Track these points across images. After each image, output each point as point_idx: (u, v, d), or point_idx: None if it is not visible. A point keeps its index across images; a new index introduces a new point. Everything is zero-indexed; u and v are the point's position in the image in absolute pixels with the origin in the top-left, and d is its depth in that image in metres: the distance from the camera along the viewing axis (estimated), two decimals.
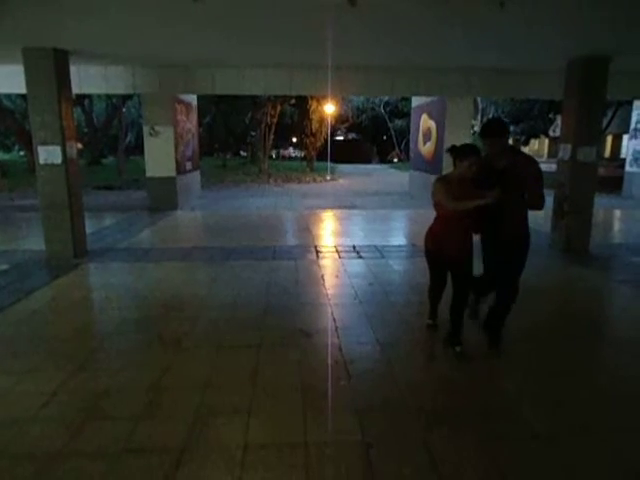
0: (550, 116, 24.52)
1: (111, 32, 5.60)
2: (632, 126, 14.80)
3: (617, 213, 11.43)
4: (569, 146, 6.90)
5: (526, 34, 5.61)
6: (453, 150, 3.44)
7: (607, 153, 26.50)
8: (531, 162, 3.43)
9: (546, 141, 32.19)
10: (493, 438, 2.61)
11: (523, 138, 26.42)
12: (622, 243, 7.96)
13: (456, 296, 3.59)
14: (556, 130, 24.94)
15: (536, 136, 27.81)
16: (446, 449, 2.51)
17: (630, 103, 15.24)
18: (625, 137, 20.18)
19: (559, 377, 3.31)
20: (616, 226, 10.19)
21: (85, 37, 5.81)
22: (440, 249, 3.60)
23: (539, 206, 3.44)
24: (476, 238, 3.60)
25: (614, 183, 15.33)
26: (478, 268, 3.67)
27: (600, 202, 9.74)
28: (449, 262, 3.61)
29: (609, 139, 26.78)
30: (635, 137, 14.65)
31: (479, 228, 3.59)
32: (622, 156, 20.86)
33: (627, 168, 15.01)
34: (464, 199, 3.32)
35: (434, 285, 3.97)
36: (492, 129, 3.41)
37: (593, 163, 6.94)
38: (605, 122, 20.55)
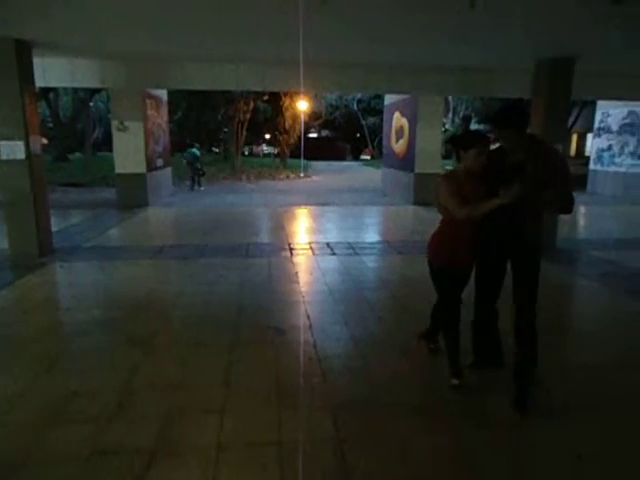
0: None
1: (76, 23, 5.42)
2: (596, 125, 15.32)
3: (582, 209, 11.79)
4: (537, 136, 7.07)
5: (496, 35, 5.72)
6: (454, 140, 2.89)
7: (573, 151, 27.31)
8: (555, 154, 2.88)
9: None
10: (467, 429, 2.66)
11: (493, 135, 26.92)
12: (587, 238, 8.22)
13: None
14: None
15: None
16: (420, 442, 2.54)
17: (594, 103, 15.74)
18: (589, 136, 20.86)
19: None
20: (581, 222, 10.51)
21: (48, 28, 5.60)
22: (453, 261, 2.94)
23: (568, 208, 2.83)
24: None
25: (579, 180, 15.83)
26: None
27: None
28: (465, 274, 3.04)
29: (574, 138, 27.61)
30: (599, 136, 15.16)
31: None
32: (587, 154, 21.54)
33: (591, 166, 15.53)
34: (476, 200, 2.71)
35: (452, 307, 3.06)
36: (503, 118, 2.73)
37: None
38: (570, 121, 21.16)
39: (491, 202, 2.62)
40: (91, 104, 24.28)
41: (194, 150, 15.79)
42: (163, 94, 12.75)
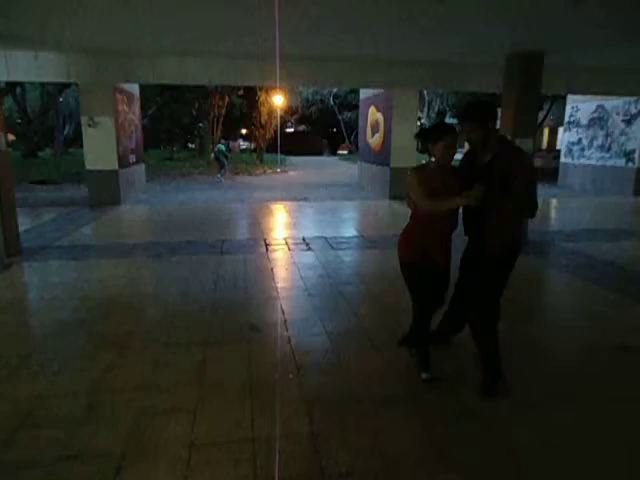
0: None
1: (37, 11, 5.22)
2: (566, 119, 15.64)
3: (553, 202, 12.05)
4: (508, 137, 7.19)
5: (465, 28, 5.76)
6: (422, 134, 2.85)
7: (544, 145, 27.87)
8: (520, 156, 2.79)
9: None
10: (440, 421, 2.69)
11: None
12: (557, 230, 8.40)
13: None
14: (498, 122, 25.88)
15: None
16: (393, 435, 2.55)
17: (565, 98, 16.07)
18: (561, 130, 21.31)
19: None
20: (552, 214, 10.74)
21: (8, 17, 5.37)
22: (424, 257, 2.89)
23: (526, 211, 2.81)
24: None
25: (550, 173, 16.17)
26: None
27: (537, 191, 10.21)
28: (438, 272, 2.94)
29: (546, 132, 28.17)
30: (569, 130, 15.50)
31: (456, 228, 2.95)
32: (558, 147, 22.01)
33: (562, 159, 15.87)
34: (445, 194, 2.73)
35: (427, 309, 3.02)
36: (469, 111, 2.76)
37: (530, 154, 7.26)
38: (542, 116, 21.60)
39: (453, 200, 2.69)
40: (61, 99, 23.61)
41: (221, 146, 17.99)
42: (135, 89, 12.48)
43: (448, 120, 30.67)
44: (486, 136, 2.75)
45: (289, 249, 6.76)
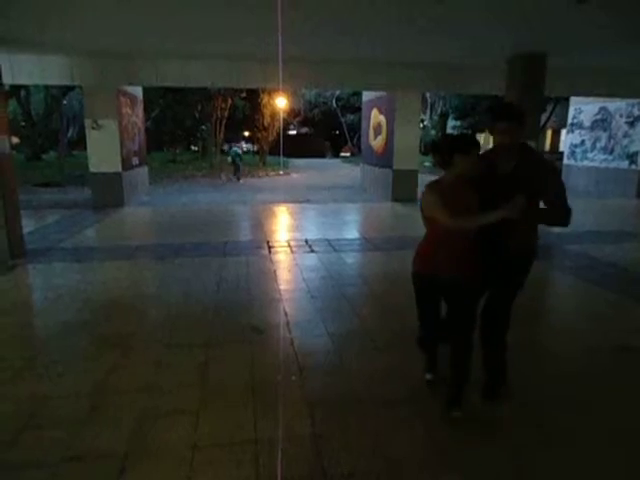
0: None
1: (36, 11, 5.24)
2: (569, 121, 15.63)
3: None
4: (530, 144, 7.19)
5: (466, 30, 5.77)
6: (453, 144, 2.54)
7: (547, 147, 27.86)
8: (547, 163, 2.64)
9: None
10: (442, 424, 2.68)
11: (469, 132, 27.34)
12: (560, 232, 8.37)
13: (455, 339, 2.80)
14: None
15: (482, 130, 28.80)
16: (395, 437, 2.55)
17: (568, 100, 16.04)
18: (564, 131, 21.27)
19: None
20: None
21: (8, 17, 5.38)
22: (435, 272, 2.68)
23: (563, 219, 2.61)
24: None
25: None
26: None
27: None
28: (447, 286, 2.70)
29: (549, 133, 28.15)
30: (572, 132, 15.48)
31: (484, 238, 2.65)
32: (561, 149, 21.97)
33: (565, 161, 15.85)
34: (465, 210, 2.53)
35: (428, 313, 2.87)
36: (506, 111, 2.55)
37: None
38: (545, 117, 21.57)
39: (494, 213, 2.40)
40: (65, 102, 23.71)
41: (235, 149, 19.31)
42: (138, 92, 12.53)
43: (451, 122, 30.66)
44: (516, 141, 2.56)
45: (292, 251, 6.77)
